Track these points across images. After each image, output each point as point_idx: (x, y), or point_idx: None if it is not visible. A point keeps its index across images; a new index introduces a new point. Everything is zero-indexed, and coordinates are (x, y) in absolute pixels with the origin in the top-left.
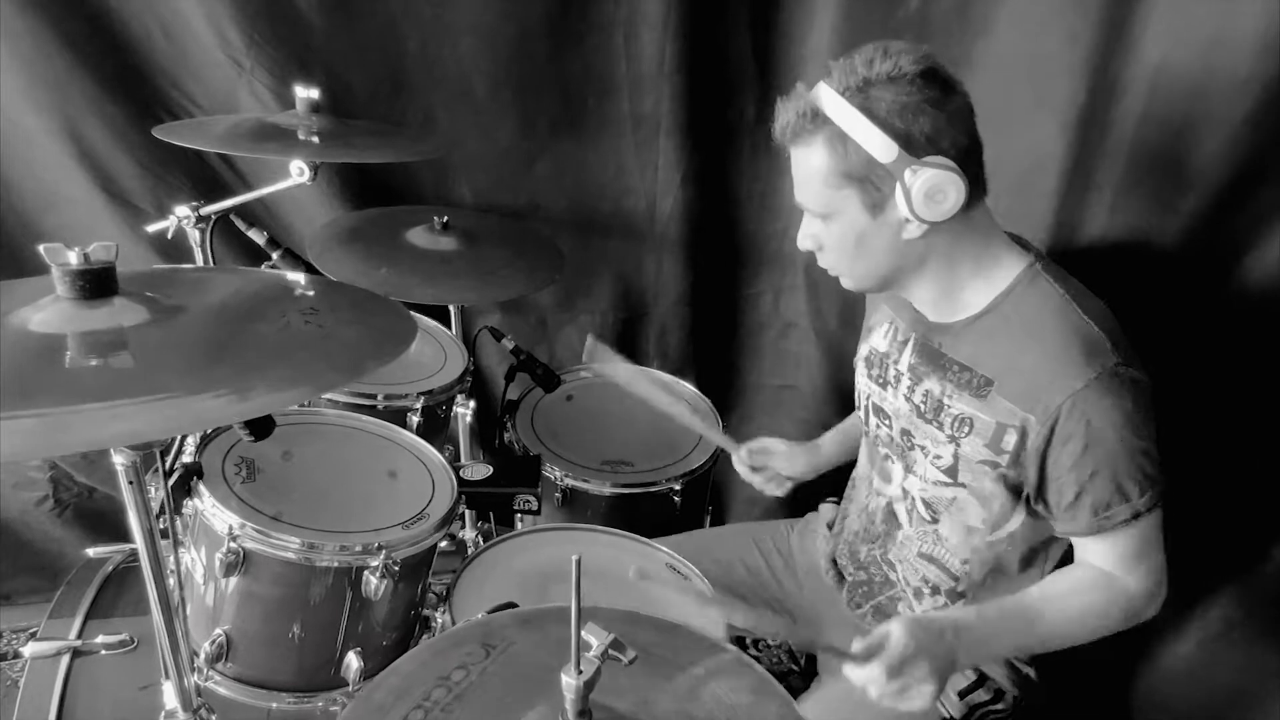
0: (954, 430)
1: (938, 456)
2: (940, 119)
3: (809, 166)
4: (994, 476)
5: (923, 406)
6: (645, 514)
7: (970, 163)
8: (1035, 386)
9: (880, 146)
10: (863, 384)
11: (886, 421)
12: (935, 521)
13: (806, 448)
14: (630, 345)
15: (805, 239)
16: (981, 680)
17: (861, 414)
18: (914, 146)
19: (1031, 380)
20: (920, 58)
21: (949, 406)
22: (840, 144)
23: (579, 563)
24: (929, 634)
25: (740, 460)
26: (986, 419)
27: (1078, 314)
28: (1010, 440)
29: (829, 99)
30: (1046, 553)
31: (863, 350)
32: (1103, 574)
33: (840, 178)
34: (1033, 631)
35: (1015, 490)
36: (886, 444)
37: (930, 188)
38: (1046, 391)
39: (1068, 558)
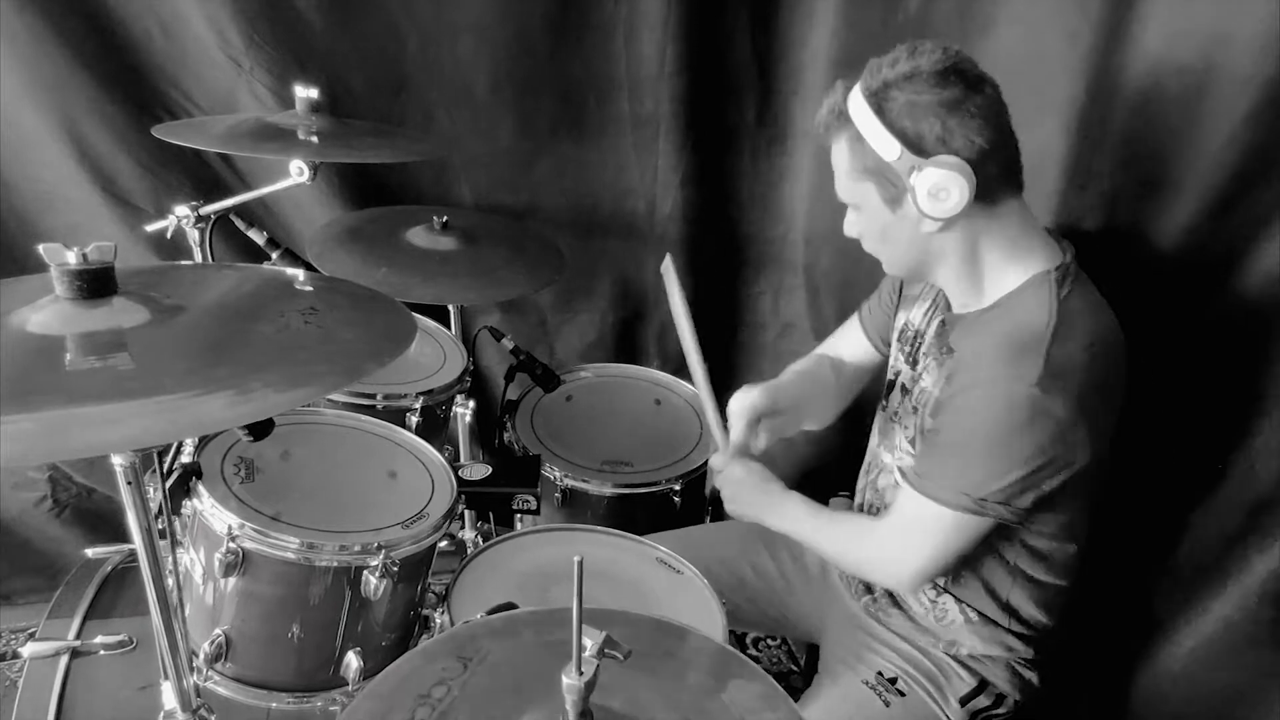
0: (916, 401)
1: (906, 427)
2: (953, 118)
3: (838, 161)
4: None
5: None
6: (645, 514)
7: (991, 160)
8: (965, 369)
9: (886, 146)
10: (892, 359)
11: (907, 396)
12: None
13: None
14: (630, 345)
15: (849, 226)
16: (983, 686)
17: (885, 387)
18: (922, 146)
19: (967, 365)
20: (943, 56)
21: (920, 380)
22: (859, 142)
23: (581, 564)
24: (753, 473)
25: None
26: (934, 394)
27: (1047, 329)
28: None
29: (853, 99)
30: (1022, 538)
31: (898, 321)
32: (872, 529)
33: (860, 173)
34: (804, 532)
35: None
36: (902, 416)
37: (932, 186)
38: (964, 370)
39: (1057, 558)
